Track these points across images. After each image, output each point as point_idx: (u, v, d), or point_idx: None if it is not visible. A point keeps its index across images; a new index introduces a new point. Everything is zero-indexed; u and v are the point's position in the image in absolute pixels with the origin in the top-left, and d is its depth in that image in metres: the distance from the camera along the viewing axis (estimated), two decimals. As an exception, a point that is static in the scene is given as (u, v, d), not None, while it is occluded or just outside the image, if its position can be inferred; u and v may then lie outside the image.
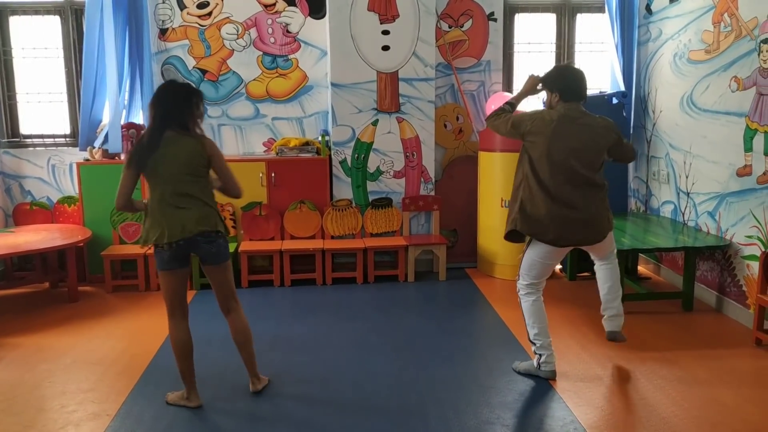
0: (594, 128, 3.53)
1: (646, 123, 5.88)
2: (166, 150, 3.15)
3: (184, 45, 5.88)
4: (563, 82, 3.58)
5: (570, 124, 3.49)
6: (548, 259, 3.62)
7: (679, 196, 5.35)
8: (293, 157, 5.72)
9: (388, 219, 5.85)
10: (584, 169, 3.49)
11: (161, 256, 3.23)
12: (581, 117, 3.53)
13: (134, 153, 3.17)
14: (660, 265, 5.71)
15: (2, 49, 5.84)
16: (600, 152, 3.55)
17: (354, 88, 5.65)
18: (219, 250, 3.29)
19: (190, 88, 3.30)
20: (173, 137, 3.18)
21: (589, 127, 3.52)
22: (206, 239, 3.23)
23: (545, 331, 3.68)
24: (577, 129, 3.49)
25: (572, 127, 3.49)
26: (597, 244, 3.65)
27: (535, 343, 3.69)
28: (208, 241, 3.24)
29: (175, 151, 3.17)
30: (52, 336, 4.45)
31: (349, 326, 4.60)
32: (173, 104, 3.19)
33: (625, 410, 3.35)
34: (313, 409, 3.38)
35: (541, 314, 3.68)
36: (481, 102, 6.12)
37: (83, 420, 3.26)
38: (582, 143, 3.48)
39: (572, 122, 3.50)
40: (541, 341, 3.68)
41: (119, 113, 5.62)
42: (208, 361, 3.93)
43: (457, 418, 3.25)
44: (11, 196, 5.92)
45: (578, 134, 3.48)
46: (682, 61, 5.26)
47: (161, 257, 3.23)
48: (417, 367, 3.87)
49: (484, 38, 6.08)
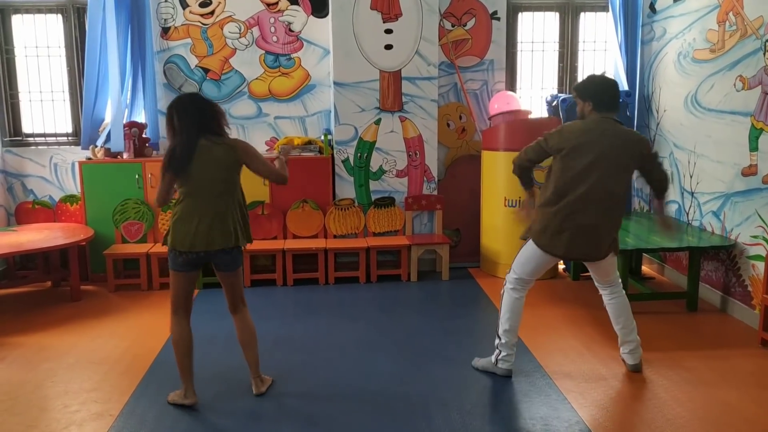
0: (625, 140, 3.43)
1: (650, 122, 5.86)
2: (200, 158, 3.20)
3: (187, 44, 5.87)
4: (596, 92, 3.48)
5: (600, 135, 3.39)
6: (547, 260, 3.60)
7: (684, 196, 5.33)
8: (296, 156, 5.69)
9: (391, 218, 5.83)
10: (609, 181, 3.39)
11: (177, 259, 3.27)
12: (612, 127, 3.43)
13: (170, 163, 3.19)
14: (664, 265, 5.69)
15: (5, 47, 5.82)
16: (628, 165, 3.45)
17: (357, 87, 5.63)
18: (234, 258, 3.36)
19: (208, 100, 3.35)
20: (207, 146, 3.22)
21: (619, 139, 3.41)
22: (226, 252, 3.29)
23: (516, 330, 3.67)
24: (608, 141, 3.38)
25: (602, 138, 3.39)
26: (597, 262, 3.60)
27: (501, 338, 3.67)
28: (226, 252, 3.30)
29: (208, 159, 3.21)
30: (55, 335, 4.44)
31: (353, 326, 4.58)
32: (201, 113, 3.24)
33: (630, 411, 3.34)
34: (317, 409, 3.36)
35: (518, 313, 3.67)
36: (484, 101, 6.09)
37: (86, 420, 3.25)
38: (610, 154, 3.38)
39: (602, 133, 3.40)
40: (507, 338, 3.66)
41: (121, 112, 5.61)
42: (211, 360, 3.92)
43: (462, 419, 3.24)
44: (13, 195, 5.91)
45: (608, 145, 3.38)
46: (687, 60, 5.24)
47: (176, 259, 3.27)
48: (420, 368, 3.85)
49: (488, 37, 6.06)
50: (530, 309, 4.83)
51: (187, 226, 3.22)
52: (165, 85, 5.90)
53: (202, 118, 3.23)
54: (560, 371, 3.78)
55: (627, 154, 3.43)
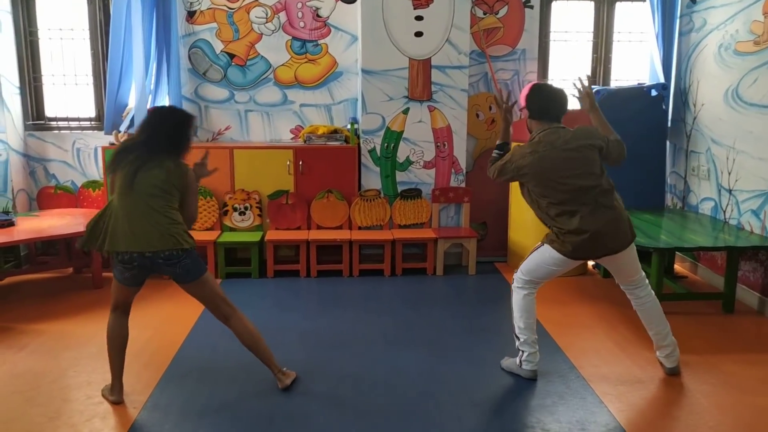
0: (578, 140, 3.36)
1: (686, 116, 5.68)
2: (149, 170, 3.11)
3: (212, 28, 5.76)
4: (537, 102, 3.45)
5: (551, 150, 3.33)
6: (560, 266, 3.48)
7: (721, 193, 5.16)
8: (321, 146, 5.59)
9: (417, 210, 5.71)
10: (589, 180, 3.33)
11: (117, 269, 3.14)
12: (560, 137, 3.36)
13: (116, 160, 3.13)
14: (697, 264, 5.53)
15: (28, 29, 5.75)
16: (594, 159, 3.37)
17: (385, 75, 5.50)
18: (186, 269, 3.14)
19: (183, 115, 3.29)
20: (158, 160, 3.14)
21: (573, 142, 3.35)
22: (167, 262, 3.09)
23: (532, 327, 3.55)
24: (563, 153, 3.33)
25: (555, 153, 3.33)
26: (619, 261, 3.46)
27: (520, 337, 3.55)
28: (170, 263, 3.10)
29: (156, 172, 3.11)
30: (76, 323, 4.37)
31: (378, 321, 4.48)
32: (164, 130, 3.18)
33: (671, 418, 3.20)
34: (345, 407, 3.26)
35: (531, 310, 3.55)
36: (515, 92, 5.94)
37: (110, 412, 3.17)
38: (574, 161, 3.32)
39: (553, 147, 3.34)
40: (525, 336, 3.54)
41: (145, 97, 5.51)
42: (236, 354, 3.83)
43: (496, 421, 3.13)
44: (35, 179, 5.86)
45: (567, 156, 3.32)
46: (728, 52, 5.06)
47: (117, 269, 3.15)
48: (449, 366, 3.74)
49: (520, 26, 5.89)
50: (560, 307, 4.73)
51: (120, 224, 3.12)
52: (190, 70, 5.80)
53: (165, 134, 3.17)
54: (595, 373, 3.65)
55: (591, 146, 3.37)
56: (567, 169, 3.32)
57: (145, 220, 3.06)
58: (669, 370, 3.61)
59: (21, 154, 5.74)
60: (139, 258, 3.06)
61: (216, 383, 3.49)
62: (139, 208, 3.06)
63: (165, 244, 3.05)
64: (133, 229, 3.04)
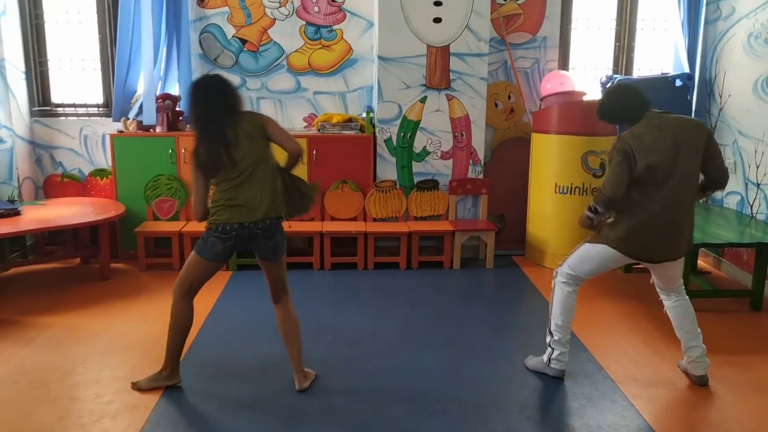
0: (683, 126, 3.11)
1: (711, 108, 5.50)
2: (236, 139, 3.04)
3: (224, 12, 5.59)
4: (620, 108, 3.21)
5: (657, 131, 3.08)
6: (613, 263, 3.31)
7: (748, 187, 5.00)
8: (335, 134, 5.43)
9: (434, 202, 5.56)
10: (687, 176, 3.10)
11: (214, 246, 3.06)
12: (663, 121, 3.11)
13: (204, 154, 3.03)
14: (721, 259, 5.37)
15: (34, 12, 5.58)
16: (698, 150, 3.11)
17: (402, 62, 5.33)
18: (276, 244, 3.17)
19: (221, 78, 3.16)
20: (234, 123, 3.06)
21: (678, 128, 3.10)
22: (265, 233, 3.09)
23: (569, 327, 3.40)
24: (667, 134, 3.08)
25: (659, 134, 3.08)
26: (667, 268, 3.29)
27: (554, 335, 3.40)
28: (267, 236, 3.10)
29: (242, 135, 3.05)
30: (85, 316, 4.24)
31: (396, 316, 4.34)
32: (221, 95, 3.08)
33: (706, 422, 3.06)
34: (365, 408, 3.12)
35: (571, 308, 3.39)
36: (535, 80, 5.77)
37: (120, 412, 3.04)
38: (676, 146, 3.07)
39: (659, 129, 3.09)
40: (560, 335, 3.39)
41: (155, 84, 5.36)
42: (250, 351, 3.71)
43: (523, 425, 2.98)
44: (42, 167, 5.71)
45: (670, 138, 3.07)
46: (758, 41, 4.88)
47: (213, 246, 3.07)
48: (470, 364, 3.60)
49: (541, 12, 5.71)
50: (583, 304, 4.53)
51: (234, 201, 3.07)
52: (200, 56, 5.64)
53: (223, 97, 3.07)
54: (624, 374, 3.51)
55: (696, 137, 3.11)
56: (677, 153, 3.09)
57: (259, 187, 3.08)
58: (697, 379, 3.41)
59: (27, 141, 5.59)
60: (239, 228, 3.04)
61: (231, 381, 3.36)
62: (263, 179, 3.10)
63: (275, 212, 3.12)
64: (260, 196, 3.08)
